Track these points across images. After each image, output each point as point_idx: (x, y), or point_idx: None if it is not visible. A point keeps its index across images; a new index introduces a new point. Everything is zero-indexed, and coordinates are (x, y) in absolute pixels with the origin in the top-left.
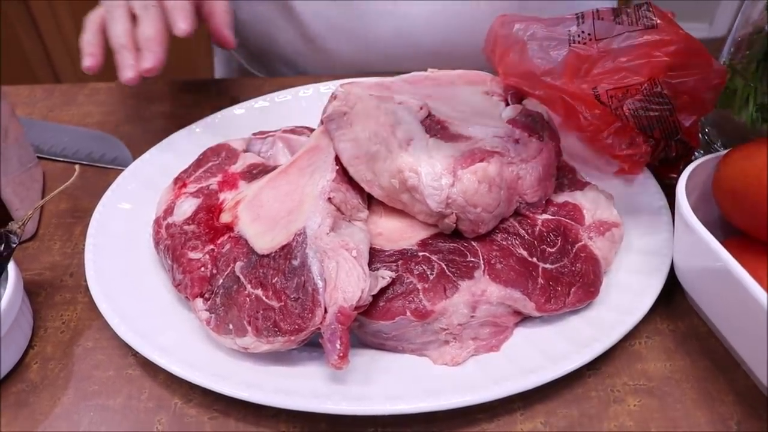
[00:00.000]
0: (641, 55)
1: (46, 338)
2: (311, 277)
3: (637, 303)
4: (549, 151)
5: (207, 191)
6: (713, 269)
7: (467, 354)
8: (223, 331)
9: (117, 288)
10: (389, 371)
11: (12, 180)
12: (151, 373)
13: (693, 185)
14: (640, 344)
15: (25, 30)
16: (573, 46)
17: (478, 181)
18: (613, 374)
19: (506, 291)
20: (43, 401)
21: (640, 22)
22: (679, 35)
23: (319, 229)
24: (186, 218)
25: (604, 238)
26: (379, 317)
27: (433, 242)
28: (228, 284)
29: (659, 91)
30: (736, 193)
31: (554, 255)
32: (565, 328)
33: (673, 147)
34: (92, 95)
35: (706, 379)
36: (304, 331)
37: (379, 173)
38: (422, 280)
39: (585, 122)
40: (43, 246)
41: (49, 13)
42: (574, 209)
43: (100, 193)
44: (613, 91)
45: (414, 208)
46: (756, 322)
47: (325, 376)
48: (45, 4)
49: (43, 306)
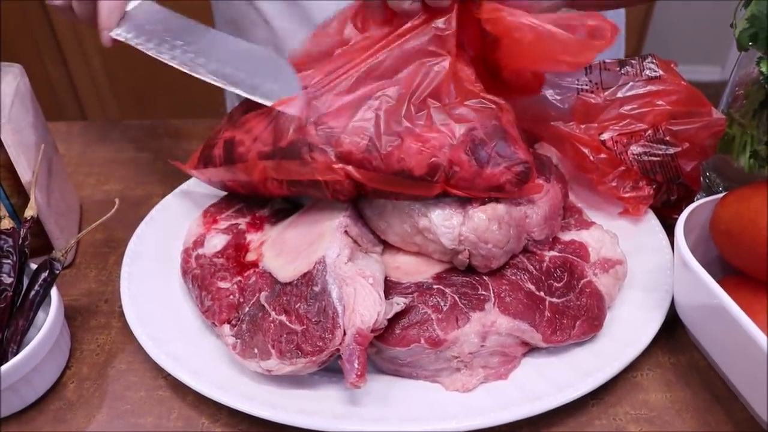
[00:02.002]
0: (645, 103)
1: (82, 360)
2: (331, 301)
3: (638, 336)
4: (555, 192)
5: (236, 230)
6: (711, 306)
7: (477, 381)
8: (249, 355)
9: (149, 314)
10: (404, 395)
11: (54, 211)
12: (180, 395)
13: (692, 226)
14: (642, 375)
15: (56, 69)
16: (581, 95)
17: (488, 219)
18: (615, 403)
19: (515, 323)
20: (79, 418)
21: (643, 73)
22: (681, 86)
23: (338, 259)
24: (216, 252)
25: (608, 274)
26: (396, 344)
27: (447, 276)
28: (253, 312)
29: (662, 137)
30: (733, 234)
31: (561, 290)
32: (570, 358)
33: (675, 190)
34: (126, 131)
35: (706, 410)
36: (325, 351)
37: (391, 221)
38: (436, 310)
39: (591, 165)
40: (79, 274)
41: (78, 51)
42: (580, 247)
43: (133, 225)
44: (618, 137)
45: (428, 248)
46: (752, 357)
47: (343, 399)
48: (74, 42)
49: (80, 329)
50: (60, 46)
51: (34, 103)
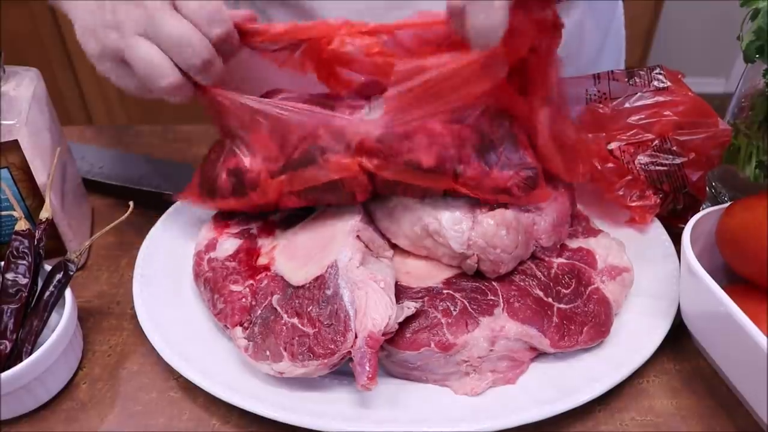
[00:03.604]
0: (652, 114)
1: (94, 361)
2: (343, 305)
3: (645, 343)
4: (563, 200)
5: (248, 234)
6: (716, 314)
7: (486, 385)
8: (261, 357)
9: (161, 315)
10: (413, 398)
11: (67, 214)
12: (191, 396)
13: (698, 234)
14: (648, 382)
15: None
16: (590, 104)
17: (497, 224)
18: (622, 409)
19: (523, 328)
20: (91, 418)
21: (651, 84)
22: (688, 96)
23: (350, 263)
24: (228, 255)
25: (615, 282)
26: (406, 347)
27: (457, 281)
28: (265, 315)
29: (668, 147)
30: (738, 243)
31: (568, 296)
32: (578, 364)
33: (681, 199)
34: (137, 136)
35: (711, 416)
36: (336, 354)
37: (401, 223)
38: (446, 315)
39: (599, 174)
40: (91, 276)
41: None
42: (587, 254)
43: (144, 228)
44: (625, 147)
45: (438, 252)
46: (757, 364)
47: (354, 402)
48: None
49: (92, 331)
50: (68, 50)
51: (49, 107)
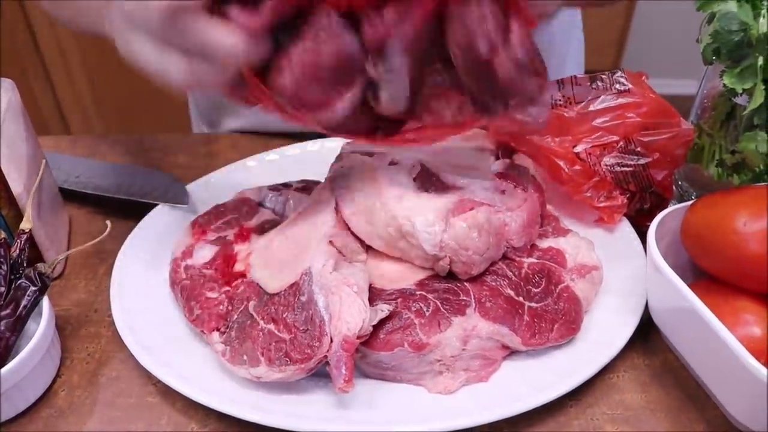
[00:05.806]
0: (616, 116)
1: (73, 368)
2: (318, 310)
3: (614, 339)
4: (533, 201)
5: (224, 241)
6: (682, 309)
7: (459, 383)
8: (238, 361)
9: (139, 322)
10: (389, 398)
11: (44, 223)
12: (169, 401)
13: (664, 232)
14: (618, 377)
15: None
16: (555, 109)
17: (468, 227)
18: (593, 404)
19: (495, 327)
20: (71, 425)
21: (614, 87)
22: (650, 98)
23: (323, 269)
24: (205, 262)
25: (584, 279)
26: (380, 348)
27: (430, 283)
28: (242, 320)
29: (633, 148)
30: (702, 239)
31: (539, 295)
32: (549, 361)
33: (648, 198)
34: (113, 146)
35: (679, 409)
36: (313, 359)
37: (377, 224)
38: (419, 315)
39: (566, 177)
40: (69, 284)
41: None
42: (557, 254)
43: (121, 237)
44: (591, 149)
45: (411, 254)
46: (722, 358)
47: (331, 403)
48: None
49: (70, 338)
50: (44, 61)
51: (25, 118)
